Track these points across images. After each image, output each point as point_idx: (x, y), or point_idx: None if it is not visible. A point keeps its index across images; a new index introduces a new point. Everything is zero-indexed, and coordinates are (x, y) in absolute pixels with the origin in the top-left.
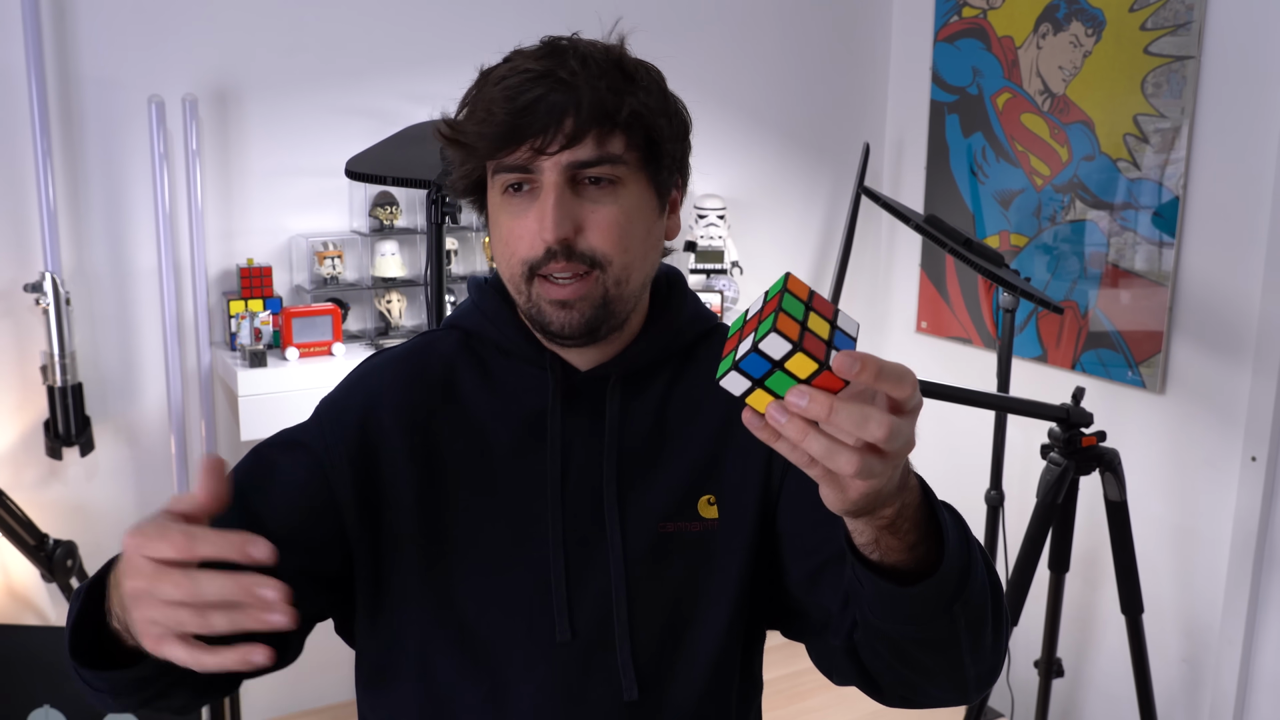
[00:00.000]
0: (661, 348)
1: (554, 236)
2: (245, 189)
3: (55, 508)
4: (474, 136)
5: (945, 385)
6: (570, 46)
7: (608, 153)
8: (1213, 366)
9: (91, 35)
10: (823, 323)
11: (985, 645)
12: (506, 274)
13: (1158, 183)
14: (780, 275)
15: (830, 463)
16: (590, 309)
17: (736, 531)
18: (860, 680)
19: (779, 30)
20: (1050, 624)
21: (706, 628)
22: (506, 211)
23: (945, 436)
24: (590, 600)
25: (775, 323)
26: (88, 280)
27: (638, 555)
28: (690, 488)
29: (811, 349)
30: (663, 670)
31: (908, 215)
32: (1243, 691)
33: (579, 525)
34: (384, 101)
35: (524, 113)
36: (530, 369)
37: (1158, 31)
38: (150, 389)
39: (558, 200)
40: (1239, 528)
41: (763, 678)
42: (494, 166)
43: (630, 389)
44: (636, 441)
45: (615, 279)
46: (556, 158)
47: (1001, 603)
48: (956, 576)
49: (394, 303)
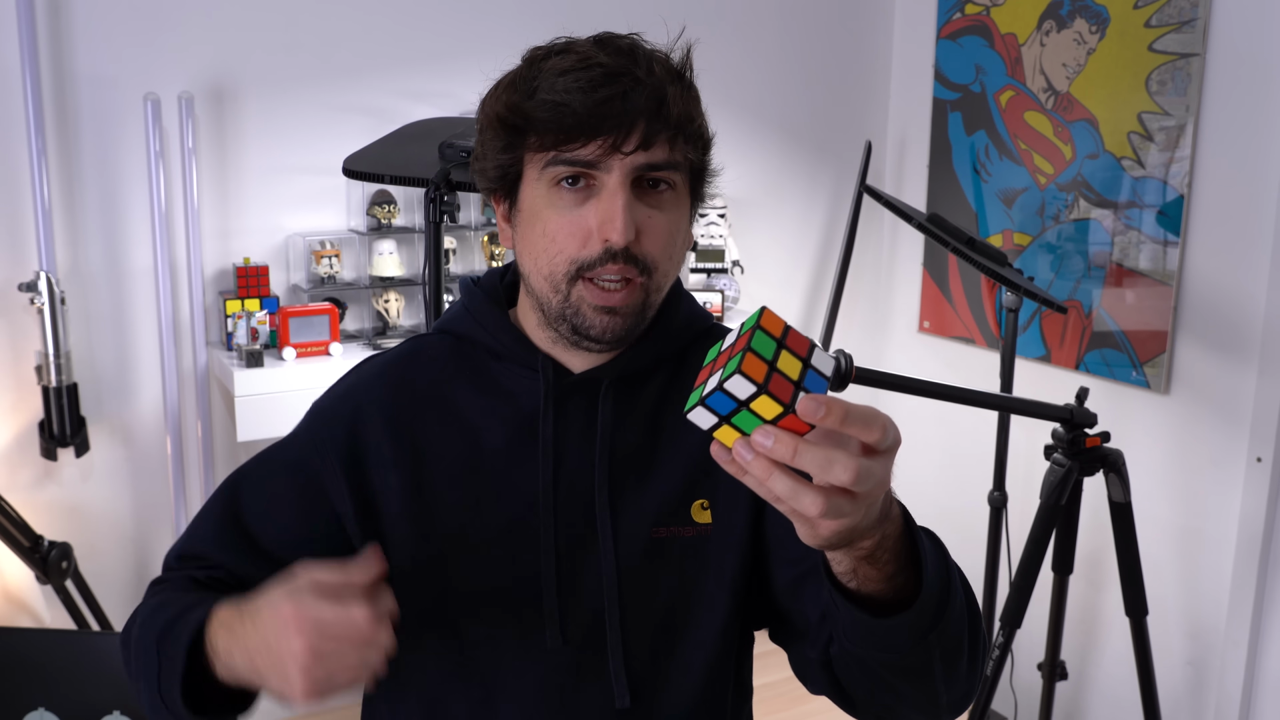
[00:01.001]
0: (657, 351)
1: (624, 239)
2: (242, 187)
3: (50, 509)
4: (543, 124)
5: (948, 386)
6: (633, 47)
7: (674, 159)
8: (1218, 366)
9: (87, 33)
10: (794, 361)
11: (960, 673)
12: (544, 270)
13: (1162, 181)
14: (756, 309)
15: (795, 504)
16: (633, 316)
17: (730, 535)
18: (834, 693)
19: (780, 27)
20: (1054, 626)
21: (700, 633)
22: (554, 206)
23: (948, 437)
24: (582, 607)
25: (741, 363)
26: (83, 280)
27: (630, 560)
28: (683, 492)
29: (777, 391)
30: (655, 677)
31: (910, 214)
32: (1248, 695)
33: (571, 530)
34: (382, 99)
35: (603, 105)
36: (522, 371)
37: (1162, 29)
38: (146, 389)
39: (628, 202)
40: (1244, 529)
41: (752, 684)
42: (551, 158)
43: (623, 392)
44: (629, 445)
45: (657, 286)
46: (631, 158)
47: (979, 629)
48: (933, 608)
49: (392, 302)
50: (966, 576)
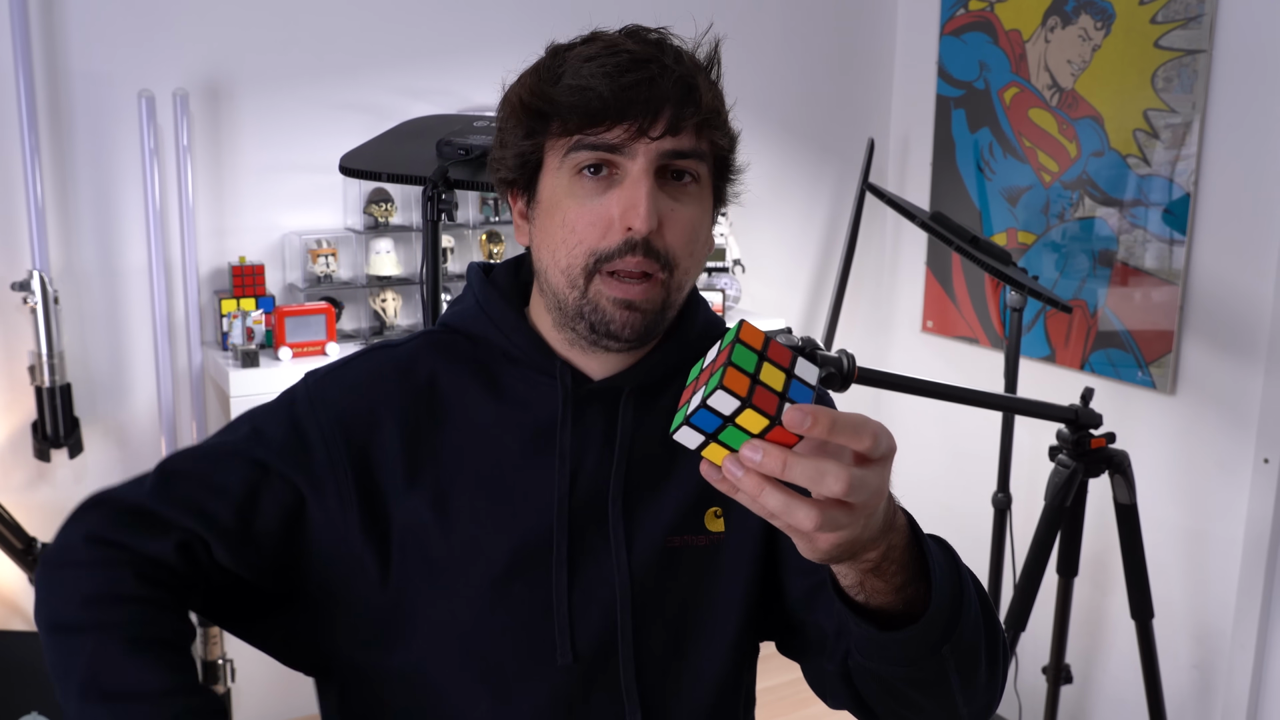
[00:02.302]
0: (675, 358)
1: (647, 226)
2: (237, 185)
3: (43, 511)
4: (568, 108)
5: (951, 386)
6: (661, 39)
7: (699, 148)
8: (1225, 367)
9: (81, 29)
10: (777, 373)
11: (979, 683)
12: (561, 264)
13: (1168, 179)
14: (734, 324)
15: (789, 519)
16: (653, 312)
17: (743, 544)
18: (854, 706)
19: (783, 24)
20: (1058, 629)
21: (712, 644)
22: (574, 196)
23: (951, 438)
24: (593, 619)
25: (723, 378)
26: (76, 279)
27: (643, 569)
28: (697, 500)
29: (761, 404)
30: (666, 691)
31: (913, 212)
32: (1255, 698)
33: (584, 540)
34: (378, 96)
35: (630, 90)
36: (540, 378)
37: (1168, 25)
38: (140, 389)
39: (652, 189)
40: (1251, 531)
41: (755, 693)
42: (574, 143)
43: (642, 400)
44: (646, 454)
45: (677, 283)
46: (656, 143)
47: (998, 638)
48: (945, 619)
49: (389, 301)
50: (981, 583)
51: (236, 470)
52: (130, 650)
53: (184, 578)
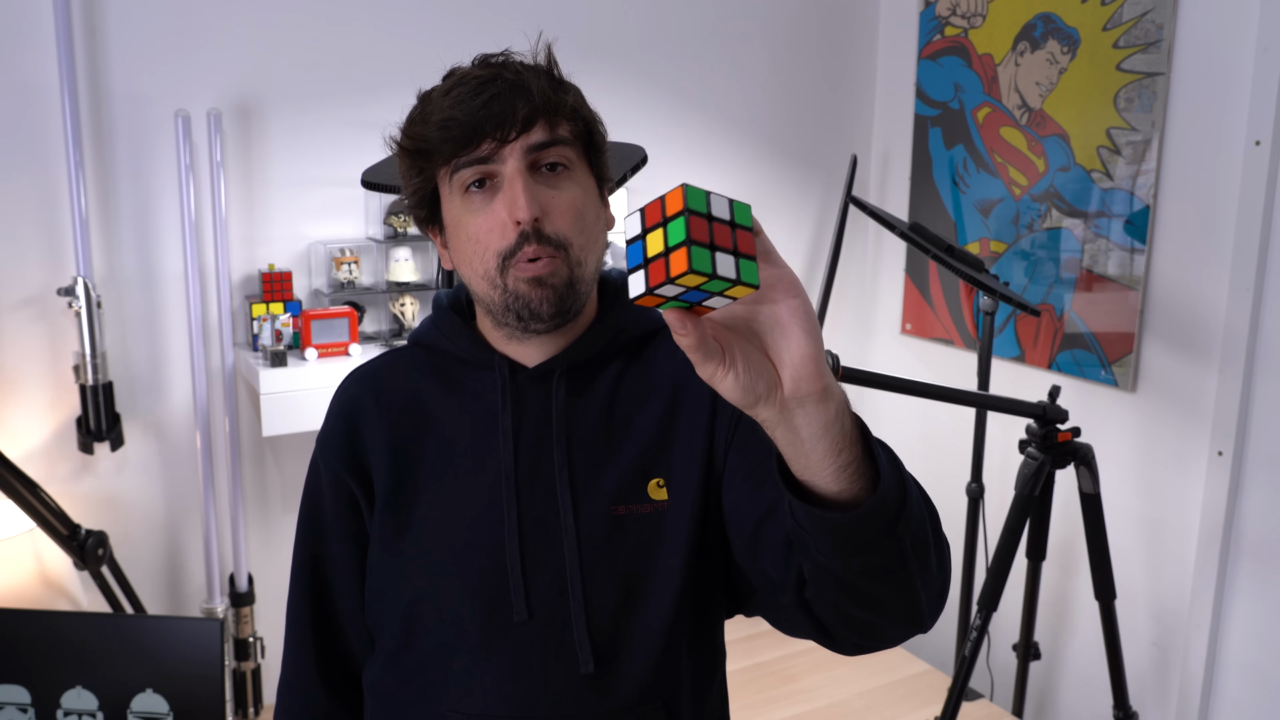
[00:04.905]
0: (605, 343)
1: (528, 214)
2: (267, 198)
3: (87, 500)
4: (437, 141)
5: (929, 384)
6: (504, 59)
7: (559, 135)
8: (1181, 366)
9: (121, 52)
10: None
11: (931, 566)
12: (479, 271)
13: (1129, 192)
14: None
15: (679, 330)
16: (562, 285)
17: (685, 510)
18: (814, 632)
19: (771, 48)
20: (1028, 609)
21: (658, 601)
22: (469, 211)
23: (929, 432)
24: (546, 581)
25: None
26: (118, 284)
27: (591, 537)
28: (639, 472)
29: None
30: (617, 644)
31: (893, 223)
32: (1210, 673)
33: (534, 511)
34: (397, 116)
35: (483, 108)
36: (485, 373)
37: (1129, 49)
38: (177, 387)
39: (526, 183)
40: (1206, 518)
41: (724, 647)
42: (453, 167)
43: (576, 382)
44: (586, 430)
45: (576, 259)
46: (516, 144)
47: (939, 525)
48: (895, 498)
49: (407, 305)
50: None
51: (327, 528)
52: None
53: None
